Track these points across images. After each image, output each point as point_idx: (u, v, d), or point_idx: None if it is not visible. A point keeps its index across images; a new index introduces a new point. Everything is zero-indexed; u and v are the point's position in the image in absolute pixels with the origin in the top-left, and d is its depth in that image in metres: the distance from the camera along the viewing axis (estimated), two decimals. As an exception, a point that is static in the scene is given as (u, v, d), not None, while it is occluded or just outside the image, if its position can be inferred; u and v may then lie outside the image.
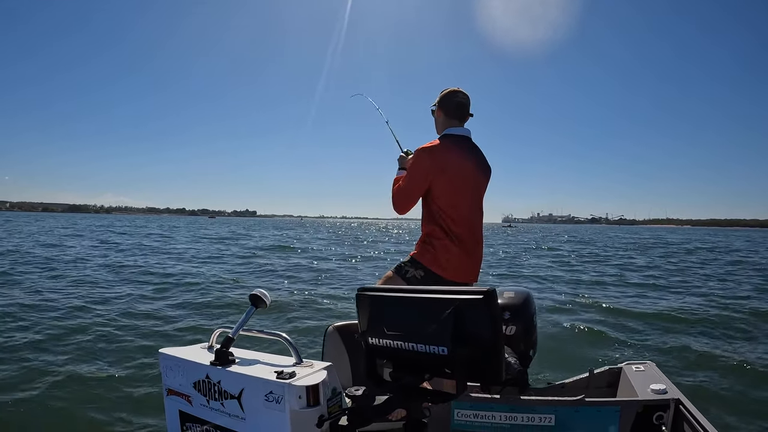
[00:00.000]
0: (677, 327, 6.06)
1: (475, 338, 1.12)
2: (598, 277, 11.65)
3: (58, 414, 3.28)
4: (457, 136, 2.33)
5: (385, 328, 1.26)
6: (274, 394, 1.23)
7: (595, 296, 8.60)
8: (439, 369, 1.18)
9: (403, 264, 2.31)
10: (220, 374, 1.37)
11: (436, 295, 1.19)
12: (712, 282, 10.64)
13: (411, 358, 1.21)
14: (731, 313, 6.87)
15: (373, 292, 1.35)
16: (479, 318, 1.12)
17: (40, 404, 3.38)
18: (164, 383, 1.53)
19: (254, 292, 1.49)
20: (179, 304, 7.24)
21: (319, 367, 1.31)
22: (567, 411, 1.94)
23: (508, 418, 1.98)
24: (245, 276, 11.03)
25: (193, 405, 1.45)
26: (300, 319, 6.33)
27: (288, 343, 1.39)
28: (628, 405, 1.95)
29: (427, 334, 1.16)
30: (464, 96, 2.36)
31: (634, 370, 2.32)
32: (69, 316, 6.13)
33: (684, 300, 8.25)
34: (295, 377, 1.24)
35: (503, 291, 2.43)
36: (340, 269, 13.04)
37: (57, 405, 3.39)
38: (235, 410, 1.33)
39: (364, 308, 1.36)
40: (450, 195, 2.26)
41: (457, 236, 2.26)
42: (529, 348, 2.29)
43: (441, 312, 1.14)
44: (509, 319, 2.28)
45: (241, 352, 1.49)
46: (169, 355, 1.51)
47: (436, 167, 2.22)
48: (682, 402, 1.93)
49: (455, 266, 2.26)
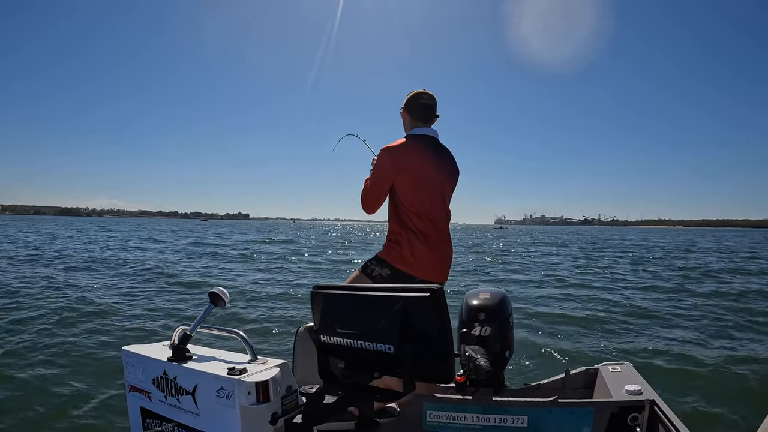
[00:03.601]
0: (655, 328, 6.14)
1: (422, 337, 1.12)
2: (579, 277, 11.75)
3: (27, 410, 3.27)
4: (422, 136, 2.35)
5: (336, 326, 1.27)
6: (225, 390, 1.22)
7: (573, 296, 8.69)
8: (388, 367, 1.18)
9: (369, 263, 2.31)
10: (176, 370, 1.36)
11: (385, 293, 1.19)
12: (691, 284, 10.77)
13: (361, 356, 1.22)
14: (708, 314, 6.98)
15: (326, 290, 1.36)
16: (426, 317, 1.11)
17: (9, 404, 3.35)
18: (126, 380, 1.54)
19: (213, 290, 1.48)
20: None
21: (272, 364, 1.30)
22: (540, 412, 1.93)
23: (480, 419, 1.96)
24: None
25: (153, 401, 1.44)
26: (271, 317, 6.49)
27: (243, 340, 1.38)
28: (602, 406, 1.94)
29: (375, 332, 1.16)
30: (429, 97, 2.39)
31: (611, 371, 2.31)
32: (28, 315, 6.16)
33: (661, 300, 8.38)
34: (245, 373, 1.22)
35: (479, 291, 2.42)
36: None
37: (25, 401, 3.39)
38: (190, 406, 1.32)
39: (318, 306, 1.36)
40: (412, 192, 2.27)
41: (421, 232, 2.27)
42: (505, 349, 2.28)
43: (388, 310, 1.13)
44: (484, 320, 2.27)
45: (198, 349, 1.48)
46: (131, 352, 1.52)
47: (397, 165, 2.24)
48: (656, 403, 1.93)
49: (421, 263, 2.25)
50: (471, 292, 2.45)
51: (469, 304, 2.34)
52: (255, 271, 12.46)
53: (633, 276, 12.37)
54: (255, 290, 8.88)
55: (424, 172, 2.29)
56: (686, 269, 14.25)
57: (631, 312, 7.19)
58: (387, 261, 2.26)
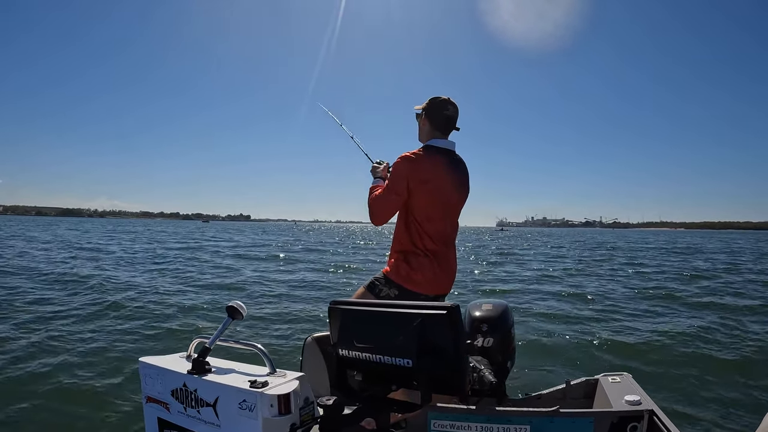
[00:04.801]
0: (655, 338, 6.10)
1: (438, 352, 1.18)
2: (578, 288, 11.58)
3: (38, 421, 3.28)
4: (441, 149, 2.24)
5: (354, 341, 1.32)
6: (248, 402, 1.27)
7: (572, 306, 8.64)
8: (405, 380, 1.24)
9: (376, 282, 2.24)
10: (196, 383, 1.41)
11: (403, 309, 1.26)
12: (690, 291, 10.66)
13: (378, 369, 1.27)
14: (709, 323, 6.93)
15: (344, 306, 1.41)
16: (442, 333, 1.18)
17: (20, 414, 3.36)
18: (143, 391, 1.57)
19: (231, 304, 1.52)
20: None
21: (291, 377, 1.35)
22: (542, 421, 1.97)
23: (483, 428, 2.01)
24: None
25: (171, 412, 1.48)
26: (278, 330, 6.41)
27: (262, 354, 1.42)
28: (602, 416, 1.98)
29: (393, 347, 1.22)
30: (454, 109, 2.26)
31: (610, 382, 2.33)
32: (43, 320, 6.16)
33: (663, 311, 8.30)
34: (267, 386, 1.28)
35: (481, 303, 2.46)
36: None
37: (37, 411, 3.40)
38: (210, 418, 1.37)
39: (335, 320, 1.41)
40: (428, 208, 2.20)
41: (433, 253, 2.22)
42: (507, 359, 2.32)
43: (407, 326, 1.20)
44: (487, 331, 2.31)
45: (217, 362, 1.53)
46: (149, 364, 1.55)
47: (418, 177, 2.15)
48: (655, 413, 1.96)
49: (429, 281, 2.22)
50: (473, 304, 2.50)
51: (472, 316, 2.39)
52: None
53: (633, 283, 12.30)
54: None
55: (442, 188, 2.21)
56: (687, 276, 14.12)
57: (631, 322, 7.17)
58: (395, 282, 2.20)
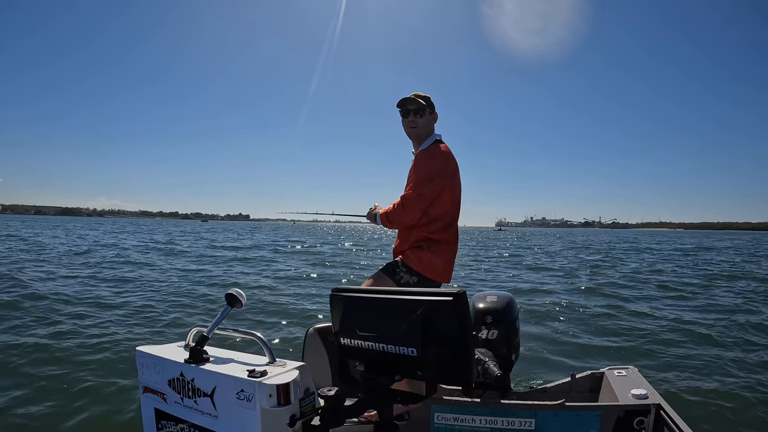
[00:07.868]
0: (661, 332, 6.10)
1: (444, 340, 1.13)
2: (585, 281, 11.69)
3: (36, 410, 3.26)
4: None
5: (357, 329, 1.28)
6: (246, 392, 1.23)
7: (579, 299, 8.65)
8: (410, 370, 1.19)
9: (396, 268, 2.21)
10: (193, 372, 1.37)
11: (407, 296, 1.20)
12: (696, 288, 10.68)
13: (382, 359, 1.23)
14: (715, 320, 6.92)
15: (346, 293, 1.36)
16: (448, 320, 1.13)
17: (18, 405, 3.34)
18: (140, 381, 1.53)
19: (230, 292, 1.48)
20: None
21: (291, 366, 1.31)
22: (547, 415, 1.94)
23: (487, 421, 1.98)
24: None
25: (168, 403, 1.45)
26: (278, 320, 6.42)
27: (262, 342, 1.38)
28: (608, 410, 1.96)
29: (397, 335, 1.18)
30: None
31: (616, 375, 2.32)
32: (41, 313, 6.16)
33: (669, 305, 8.32)
34: (266, 376, 1.23)
35: (486, 295, 2.44)
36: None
37: (33, 401, 3.38)
38: (208, 408, 1.32)
39: (337, 309, 1.37)
40: (452, 201, 2.26)
41: (447, 242, 2.26)
42: (512, 352, 2.30)
43: (411, 313, 1.15)
44: (491, 323, 2.29)
45: (215, 351, 1.49)
46: (146, 353, 1.51)
47: (452, 172, 2.24)
48: (662, 407, 1.94)
49: (446, 270, 2.25)
50: (478, 295, 2.47)
51: (477, 307, 2.36)
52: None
53: (637, 280, 12.30)
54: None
55: (459, 181, 2.30)
56: (694, 273, 14.17)
57: (637, 316, 7.16)
58: (416, 270, 2.19)
